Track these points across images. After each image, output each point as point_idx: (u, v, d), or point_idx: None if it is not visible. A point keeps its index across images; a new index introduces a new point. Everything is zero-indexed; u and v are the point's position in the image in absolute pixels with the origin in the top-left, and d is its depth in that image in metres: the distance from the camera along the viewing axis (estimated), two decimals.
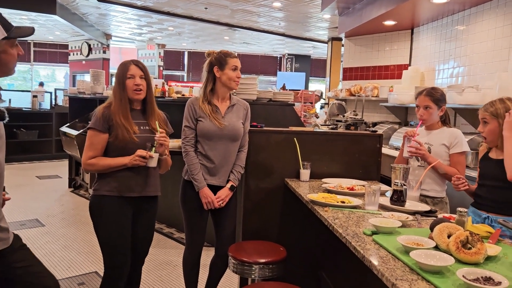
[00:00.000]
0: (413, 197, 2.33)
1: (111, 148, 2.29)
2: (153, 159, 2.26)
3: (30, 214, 5.16)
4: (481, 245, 1.43)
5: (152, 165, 2.29)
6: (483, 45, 4.48)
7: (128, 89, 2.32)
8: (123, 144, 2.26)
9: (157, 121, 2.36)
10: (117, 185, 2.30)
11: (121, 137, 2.25)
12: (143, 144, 2.28)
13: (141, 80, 2.33)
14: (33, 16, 10.46)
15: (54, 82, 15.83)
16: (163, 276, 3.55)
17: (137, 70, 2.33)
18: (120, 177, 2.30)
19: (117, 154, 2.29)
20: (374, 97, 6.21)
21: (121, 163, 2.27)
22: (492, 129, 2.27)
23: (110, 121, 2.28)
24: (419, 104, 2.71)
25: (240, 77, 2.66)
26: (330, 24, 9.88)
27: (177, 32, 12.69)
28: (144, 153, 2.24)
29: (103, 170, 2.30)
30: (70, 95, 6.99)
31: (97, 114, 2.30)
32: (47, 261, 3.77)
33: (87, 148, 2.30)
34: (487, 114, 2.27)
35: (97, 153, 2.29)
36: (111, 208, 2.31)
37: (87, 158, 2.29)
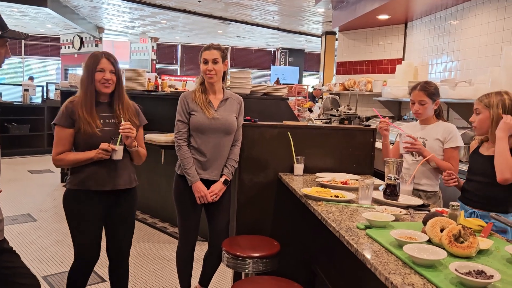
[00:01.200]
0: (406, 191, 2.34)
1: (78, 142, 2.28)
2: (117, 151, 2.24)
3: (22, 209, 5.12)
4: (473, 239, 1.44)
5: (117, 158, 2.26)
6: (476, 40, 4.49)
7: (96, 82, 2.27)
8: (87, 137, 2.24)
9: (122, 114, 2.33)
10: (87, 179, 2.28)
11: (83, 131, 2.23)
12: (108, 138, 2.26)
13: (111, 75, 2.28)
14: (23, 8, 10.32)
15: (45, 75, 15.67)
16: (157, 271, 3.55)
17: (108, 64, 2.28)
18: (89, 172, 2.28)
19: (86, 148, 2.26)
20: (368, 91, 6.21)
21: (88, 157, 2.24)
22: (482, 119, 2.26)
23: (73, 115, 2.25)
24: (413, 99, 2.70)
25: (212, 70, 2.57)
26: (324, 18, 9.86)
27: (170, 26, 12.61)
28: (106, 146, 2.21)
29: (71, 164, 2.28)
30: (62, 89, 6.91)
31: (61, 109, 2.29)
32: (39, 256, 3.75)
33: (55, 144, 2.28)
34: (481, 105, 2.26)
35: (65, 148, 2.27)
36: (80, 202, 2.31)
37: (56, 154, 2.28)
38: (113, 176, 2.32)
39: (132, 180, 2.44)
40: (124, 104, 2.38)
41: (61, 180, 6.59)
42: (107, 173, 2.30)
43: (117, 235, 2.47)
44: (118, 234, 2.47)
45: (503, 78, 3.62)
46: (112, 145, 2.23)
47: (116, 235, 2.47)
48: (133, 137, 2.30)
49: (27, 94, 8.88)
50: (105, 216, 2.41)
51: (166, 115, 4.72)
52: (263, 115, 3.78)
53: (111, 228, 2.46)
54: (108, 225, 2.45)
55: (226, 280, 3.38)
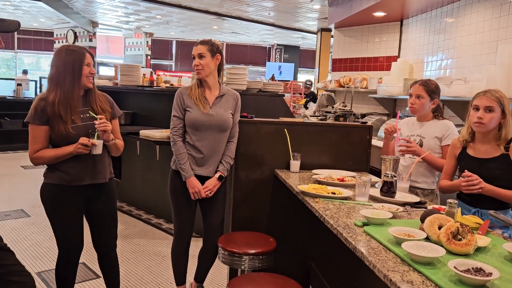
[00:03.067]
0: (403, 189, 2.34)
1: (55, 138, 2.25)
2: (96, 146, 2.23)
3: (15, 205, 5.08)
4: (471, 236, 1.44)
5: (97, 153, 2.26)
6: (471, 38, 4.50)
7: (83, 77, 2.26)
8: (61, 136, 2.22)
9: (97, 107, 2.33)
10: (65, 175, 2.27)
11: (57, 131, 2.21)
12: (83, 134, 2.23)
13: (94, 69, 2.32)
14: (16, 2, 10.20)
15: (39, 70, 15.52)
16: (152, 267, 3.54)
17: (91, 59, 2.30)
18: (68, 167, 2.27)
19: (64, 143, 2.24)
20: (363, 88, 6.22)
21: (66, 152, 2.22)
22: (495, 117, 2.12)
23: (46, 113, 2.21)
24: (412, 93, 2.70)
25: (198, 65, 2.56)
26: (319, 15, 9.85)
27: (165, 21, 12.53)
28: (86, 141, 2.20)
29: (50, 161, 2.26)
30: None
31: (32, 107, 2.24)
32: (33, 252, 3.72)
33: (31, 142, 2.24)
34: (495, 103, 2.11)
35: (42, 145, 2.24)
36: (59, 197, 2.30)
37: (33, 152, 2.24)
38: (91, 170, 2.32)
39: (108, 173, 2.44)
40: (96, 96, 2.37)
41: None
42: (85, 167, 2.30)
43: (101, 227, 2.48)
44: (102, 227, 2.48)
45: (498, 76, 3.63)
46: (92, 140, 2.22)
47: (100, 227, 2.48)
48: (109, 130, 2.28)
49: (20, 88, 8.79)
50: (87, 210, 2.42)
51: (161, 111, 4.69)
52: (259, 111, 3.77)
53: (95, 222, 2.47)
54: (90, 219, 2.47)
55: (222, 276, 3.37)
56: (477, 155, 2.22)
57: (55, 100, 2.20)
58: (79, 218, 2.39)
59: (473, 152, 2.24)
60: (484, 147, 2.20)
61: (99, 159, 2.34)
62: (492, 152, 2.18)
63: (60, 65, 2.23)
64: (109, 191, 2.47)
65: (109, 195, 2.47)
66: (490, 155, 2.18)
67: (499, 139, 2.16)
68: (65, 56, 2.24)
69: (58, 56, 2.25)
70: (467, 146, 2.28)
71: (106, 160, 2.41)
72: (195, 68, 2.60)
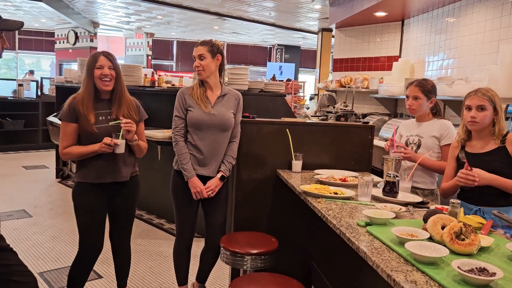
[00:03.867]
0: (405, 188, 2.34)
1: (82, 136, 2.41)
2: (119, 146, 2.37)
3: (16, 205, 5.09)
4: (474, 236, 1.44)
5: (119, 152, 2.39)
6: (473, 38, 4.50)
7: (96, 78, 2.39)
8: (87, 133, 2.38)
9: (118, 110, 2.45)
10: (90, 173, 2.44)
11: (83, 128, 2.37)
12: (107, 133, 2.38)
13: (109, 71, 2.39)
14: (17, 2, 10.22)
15: (40, 70, 15.54)
16: (154, 267, 3.54)
17: (106, 61, 2.40)
18: (93, 166, 2.43)
19: (89, 141, 2.39)
20: (364, 88, 6.21)
21: (92, 149, 2.38)
22: (487, 115, 2.16)
23: (76, 111, 2.38)
24: (408, 94, 2.71)
25: (199, 66, 2.57)
26: (320, 15, 9.85)
27: (166, 21, 12.54)
28: (109, 140, 2.34)
29: (77, 157, 2.43)
30: (57, 84, 6.86)
31: (65, 105, 2.42)
32: (35, 252, 3.73)
33: (61, 139, 2.42)
34: (487, 101, 2.15)
35: (70, 142, 2.41)
36: (85, 194, 2.47)
37: (62, 147, 2.41)
38: (113, 169, 2.46)
39: (132, 171, 2.58)
40: (123, 100, 2.48)
41: (56, 176, 6.55)
42: (107, 166, 2.44)
43: (118, 221, 2.64)
44: (120, 221, 2.64)
45: (500, 75, 3.63)
46: (115, 140, 2.35)
47: (117, 221, 2.64)
48: (133, 131, 2.41)
49: (21, 89, 8.79)
50: (108, 206, 2.56)
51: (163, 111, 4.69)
52: (261, 112, 3.77)
53: (113, 216, 2.63)
54: (111, 213, 2.61)
55: (224, 276, 3.37)
56: (474, 151, 2.26)
57: (79, 100, 2.39)
58: (101, 218, 2.54)
59: (470, 149, 2.29)
60: (480, 143, 2.25)
61: (122, 158, 2.47)
62: (488, 146, 2.22)
63: (85, 69, 2.43)
64: (130, 188, 2.59)
65: (130, 192, 2.60)
66: (486, 149, 2.22)
67: (494, 135, 2.21)
68: (88, 60, 2.43)
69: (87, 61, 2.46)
70: (465, 145, 2.32)
71: (128, 160, 2.53)
72: (196, 69, 2.62)
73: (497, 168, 2.14)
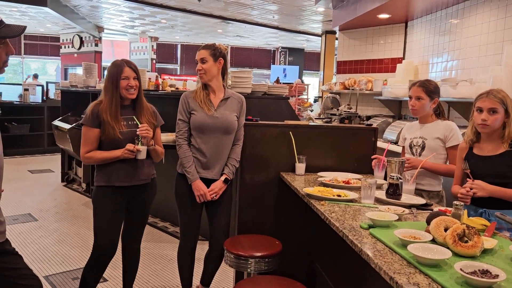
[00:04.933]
0: (409, 191, 2.33)
1: (104, 142, 2.48)
2: (141, 152, 2.47)
3: (22, 209, 5.12)
4: (477, 238, 1.44)
5: (141, 157, 2.49)
6: (477, 39, 4.49)
7: (122, 89, 2.48)
8: (111, 139, 2.45)
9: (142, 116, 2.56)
10: (110, 176, 2.51)
11: (107, 134, 2.45)
12: (129, 139, 2.47)
13: (134, 81, 2.50)
14: (23, 8, 10.31)
15: (45, 75, 15.65)
16: (158, 270, 3.55)
17: (131, 72, 2.50)
18: (112, 169, 2.50)
19: (111, 147, 2.47)
20: (368, 90, 6.21)
21: (115, 155, 2.46)
22: (499, 118, 2.12)
23: (99, 117, 2.46)
24: (411, 95, 2.70)
25: (201, 69, 2.60)
26: (324, 17, 9.85)
27: (170, 25, 12.60)
28: (132, 147, 2.44)
29: (100, 162, 2.51)
30: (62, 89, 6.91)
31: (88, 110, 2.50)
32: (40, 256, 3.75)
33: (83, 143, 2.50)
34: (498, 104, 2.11)
35: (93, 146, 2.49)
36: (107, 197, 2.53)
37: (84, 152, 2.49)
38: (134, 172, 2.55)
39: (150, 175, 2.65)
40: (143, 107, 2.60)
41: (62, 180, 6.59)
42: (130, 169, 2.53)
43: (132, 222, 2.70)
44: (134, 222, 2.70)
45: (504, 77, 3.62)
46: (137, 146, 2.45)
47: (131, 222, 2.70)
48: (150, 137, 2.50)
49: (27, 93, 8.86)
50: (127, 208, 2.63)
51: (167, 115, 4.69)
52: (264, 114, 3.78)
53: (129, 217, 2.67)
54: (127, 214, 2.66)
55: (228, 279, 3.38)
56: (482, 153, 2.23)
57: (103, 107, 2.47)
58: (121, 220, 2.61)
59: (478, 151, 2.25)
60: (489, 146, 2.21)
61: (141, 162, 2.55)
62: (496, 149, 2.18)
63: (107, 78, 2.51)
64: (150, 190, 2.67)
65: (148, 194, 2.68)
66: (494, 153, 2.18)
67: (503, 137, 2.16)
68: (110, 69, 2.51)
69: (108, 69, 2.54)
70: (473, 146, 2.28)
71: (147, 164, 2.60)
72: (198, 73, 2.64)
73: (504, 172, 2.11)
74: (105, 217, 2.53)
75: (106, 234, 2.54)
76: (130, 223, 2.70)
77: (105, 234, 2.54)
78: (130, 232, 2.73)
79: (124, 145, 2.44)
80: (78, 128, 5.29)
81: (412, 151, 2.77)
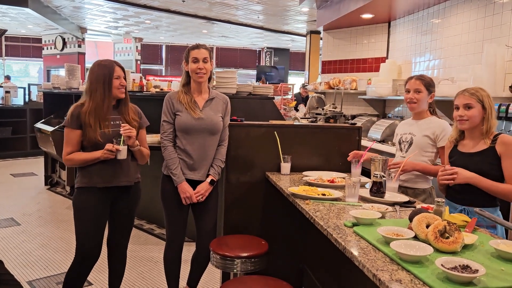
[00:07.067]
0: (392, 188, 2.36)
1: (85, 144, 2.45)
2: (121, 151, 2.41)
3: (4, 213, 5.03)
4: (458, 234, 1.46)
5: (121, 157, 2.43)
6: (458, 38, 4.56)
7: (114, 88, 2.46)
8: (92, 142, 2.42)
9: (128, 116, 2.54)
10: (92, 177, 2.47)
11: (88, 137, 2.41)
12: (111, 140, 2.43)
13: (124, 80, 2.51)
14: (3, 9, 10.12)
15: (27, 77, 15.39)
16: (144, 272, 3.52)
17: (121, 71, 2.51)
18: (95, 170, 2.46)
19: (92, 148, 2.44)
20: (353, 90, 6.26)
21: (95, 156, 2.42)
22: (475, 114, 2.16)
23: (80, 119, 2.42)
24: (409, 88, 2.64)
25: (202, 69, 2.57)
26: (308, 18, 9.90)
27: (154, 26, 12.51)
28: (111, 146, 2.38)
29: (80, 164, 2.47)
30: (45, 91, 6.80)
31: (69, 112, 2.46)
32: (23, 261, 3.69)
33: (65, 145, 2.46)
34: (473, 99, 2.16)
35: (74, 148, 2.45)
36: (89, 199, 2.48)
37: (66, 154, 2.46)
38: (117, 173, 2.50)
39: (133, 177, 2.60)
40: (129, 106, 2.58)
41: (45, 183, 6.49)
42: (111, 170, 2.48)
43: (118, 226, 2.65)
44: (119, 226, 2.65)
45: (485, 75, 3.69)
46: (116, 146, 2.40)
47: (117, 226, 2.65)
48: (133, 136, 2.47)
49: (8, 96, 8.70)
50: (110, 211, 2.58)
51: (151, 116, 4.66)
52: (249, 115, 3.78)
53: (114, 221, 2.63)
54: (111, 218, 2.62)
55: (215, 280, 3.37)
56: (464, 150, 2.26)
57: (87, 110, 2.41)
58: (101, 223, 2.54)
59: (461, 148, 2.29)
60: (471, 143, 2.24)
61: (125, 164, 2.51)
62: (478, 146, 2.21)
63: (93, 79, 2.45)
64: (133, 194, 2.62)
65: (132, 197, 2.63)
66: (476, 150, 2.21)
67: (484, 134, 2.19)
68: (97, 70, 2.46)
69: (92, 71, 2.48)
70: (457, 144, 2.32)
71: (131, 165, 2.56)
72: (197, 72, 2.57)
73: (485, 169, 2.14)
74: (88, 220, 2.48)
75: (90, 237, 2.48)
76: (116, 228, 2.65)
77: (89, 237, 2.48)
78: (116, 238, 2.68)
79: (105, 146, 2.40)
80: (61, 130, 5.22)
81: (400, 146, 2.76)
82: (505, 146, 2.12)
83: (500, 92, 3.61)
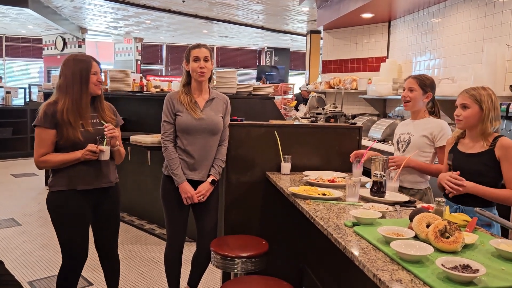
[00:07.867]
0: (393, 188, 2.36)
1: (62, 144, 2.28)
2: (104, 152, 2.31)
3: (5, 213, 5.03)
4: (458, 234, 1.46)
5: (104, 159, 2.33)
6: (458, 37, 4.56)
7: (91, 84, 2.33)
8: (71, 142, 2.27)
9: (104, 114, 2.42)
10: (71, 179, 2.32)
11: (66, 136, 2.26)
12: (91, 139, 2.30)
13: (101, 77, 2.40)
14: (4, 9, 10.12)
15: (28, 77, 15.39)
16: (145, 273, 3.52)
17: (98, 67, 2.38)
18: (73, 172, 2.31)
19: (71, 148, 2.29)
20: (353, 89, 6.26)
21: (74, 157, 2.28)
22: (471, 114, 2.16)
23: (55, 118, 2.26)
24: (405, 86, 2.66)
25: (204, 67, 2.56)
26: (308, 17, 9.89)
27: (154, 26, 12.50)
28: (94, 147, 2.27)
29: (57, 165, 2.31)
30: (45, 91, 6.80)
31: (40, 111, 2.29)
32: (24, 261, 3.69)
33: (37, 146, 2.28)
34: (470, 99, 2.17)
35: (48, 149, 2.28)
36: (67, 203, 2.34)
37: (39, 155, 2.28)
38: (98, 174, 2.38)
39: (112, 178, 2.50)
40: (104, 104, 2.47)
41: (46, 184, 6.49)
42: (92, 172, 2.36)
43: (104, 229, 2.56)
44: (106, 228, 2.56)
45: (485, 74, 3.68)
46: (100, 147, 2.28)
47: (103, 229, 2.55)
48: (116, 136, 2.38)
49: (9, 96, 8.71)
50: (92, 213, 2.47)
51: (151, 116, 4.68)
52: (250, 115, 3.78)
53: (99, 224, 2.53)
54: (95, 222, 2.52)
55: (215, 280, 3.37)
56: (464, 150, 2.26)
57: (63, 108, 2.26)
58: (85, 225, 2.42)
59: (461, 147, 2.29)
60: (471, 143, 2.25)
61: (105, 164, 2.40)
62: (478, 147, 2.21)
63: (68, 74, 2.30)
64: (114, 194, 2.53)
65: (114, 198, 2.54)
66: (475, 150, 2.21)
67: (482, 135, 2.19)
68: (73, 65, 2.31)
69: (66, 65, 2.32)
70: (458, 142, 2.32)
71: (110, 166, 2.47)
72: (199, 71, 2.56)
73: (482, 171, 2.14)
74: (72, 225, 2.35)
75: (76, 243, 2.38)
76: (103, 232, 2.55)
77: (76, 243, 2.38)
78: (104, 241, 2.57)
79: (85, 146, 2.25)
80: None
81: (398, 146, 2.76)
82: (504, 150, 2.12)
83: (501, 91, 3.61)
